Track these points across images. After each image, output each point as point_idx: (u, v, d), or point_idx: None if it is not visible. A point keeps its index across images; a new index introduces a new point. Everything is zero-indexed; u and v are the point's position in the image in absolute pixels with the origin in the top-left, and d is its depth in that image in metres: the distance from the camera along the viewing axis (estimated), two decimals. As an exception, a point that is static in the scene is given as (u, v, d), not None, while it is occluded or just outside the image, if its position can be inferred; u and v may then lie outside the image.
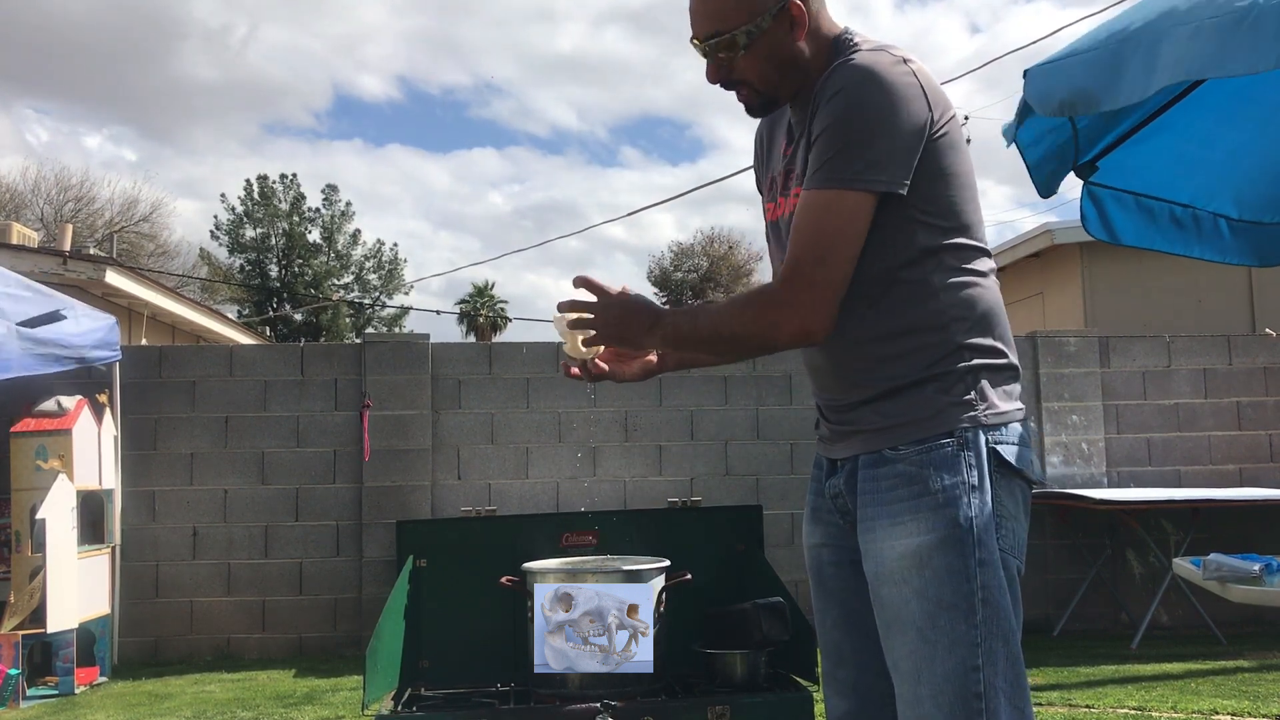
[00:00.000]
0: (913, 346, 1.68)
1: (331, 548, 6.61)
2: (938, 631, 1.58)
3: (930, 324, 1.67)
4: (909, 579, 1.61)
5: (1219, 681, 5.11)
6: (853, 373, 1.73)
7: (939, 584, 1.59)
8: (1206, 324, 9.73)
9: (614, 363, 1.91)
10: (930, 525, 1.61)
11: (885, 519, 1.66)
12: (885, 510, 1.66)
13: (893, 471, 1.66)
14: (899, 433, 1.67)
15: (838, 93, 1.62)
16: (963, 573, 1.59)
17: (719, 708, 2.89)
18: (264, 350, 7.04)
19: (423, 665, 3.29)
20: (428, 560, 3.33)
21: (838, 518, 1.81)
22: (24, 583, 5.52)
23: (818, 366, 1.80)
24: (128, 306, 10.77)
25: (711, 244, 39.42)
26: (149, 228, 32.54)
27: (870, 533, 1.68)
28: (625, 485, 6.78)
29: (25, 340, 5.49)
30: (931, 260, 1.67)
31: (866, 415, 1.72)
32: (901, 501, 1.64)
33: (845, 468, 1.76)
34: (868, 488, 1.69)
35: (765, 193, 1.89)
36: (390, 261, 37.83)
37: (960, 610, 1.58)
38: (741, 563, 3.43)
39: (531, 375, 6.81)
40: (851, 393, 1.74)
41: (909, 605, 1.61)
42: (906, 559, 1.62)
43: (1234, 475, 7.11)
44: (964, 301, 1.69)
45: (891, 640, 1.65)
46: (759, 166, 1.95)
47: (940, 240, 1.68)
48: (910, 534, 1.62)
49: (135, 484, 6.47)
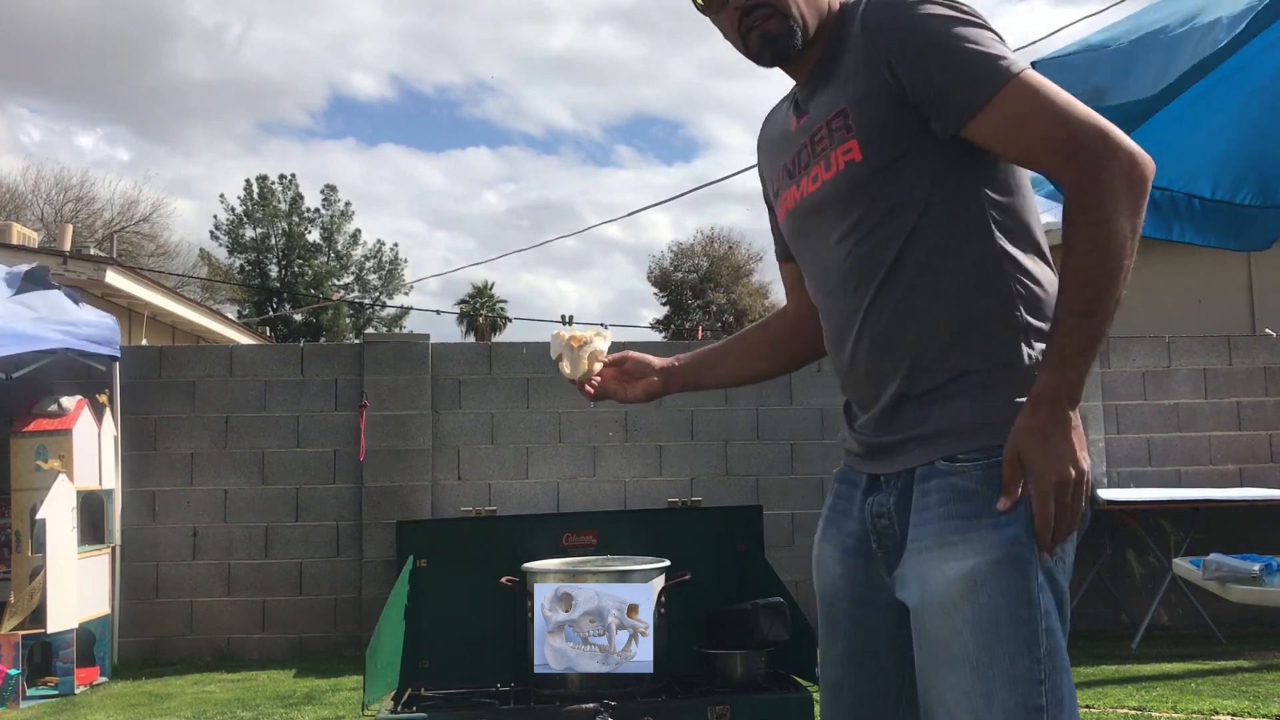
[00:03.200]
0: (980, 331, 1.44)
1: (331, 548, 6.61)
2: (995, 667, 1.36)
3: (1001, 304, 1.44)
4: (959, 607, 1.38)
5: (1219, 681, 5.10)
6: (906, 362, 1.47)
7: (995, 611, 1.37)
8: (1206, 324, 9.72)
9: (614, 383, 1.84)
10: (986, 546, 1.38)
11: (931, 539, 1.43)
12: (931, 530, 1.43)
13: (945, 485, 1.43)
14: (958, 440, 1.43)
15: (906, 19, 1.43)
16: (1024, 598, 1.37)
17: (719, 708, 2.89)
18: (264, 350, 7.04)
19: (423, 665, 3.29)
20: (428, 560, 3.33)
21: (871, 544, 1.56)
22: (24, 583, 5.52)
23: (856, 361, 1.54)
24: (128, 306, 10.77)
25: (711, 244, 39.42)
26: (149, 228, 32.58)
27: (915, 555, 1.45)
28: (625, 485, 6.78)
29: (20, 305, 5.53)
30: (1001, 220, 1.46)
31: (919, 416, 1.47)
32: (951, 520, 1.41)
33: (896, 483, 1.52)
34: (918, 505, 1.46)
35: (782, 187, 1.65)
36: (390, 262, 37.86)
37: (1021, 641, 1.36)
38: (741, 563, 3.43)
39: (531, 375, 6.81)
40: (902, 388, 1.49)
41: (960, 638, 1.38)
42: (956, 585, 1.39)
43: (1234, 475, 7.10)
44: (1032, 278, 1.46)
45: (937, 678, 1.41)
46: (768, 170, 1.75)
47: (1006, 199, 1.48)
48: (962, 556, 1.39)
49: (135, 484, 6.47)
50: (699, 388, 1.90)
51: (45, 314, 5.80)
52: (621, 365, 1.86)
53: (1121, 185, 1.32)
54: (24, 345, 5.47)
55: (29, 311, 5.74)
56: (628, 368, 1.86)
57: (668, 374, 1.85)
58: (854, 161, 1.48)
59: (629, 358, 1.85)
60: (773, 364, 1.89)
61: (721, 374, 1.90)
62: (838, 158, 1.49)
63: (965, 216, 1.45)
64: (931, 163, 1.45)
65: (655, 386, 1.85)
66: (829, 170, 1.51)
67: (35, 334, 5.55)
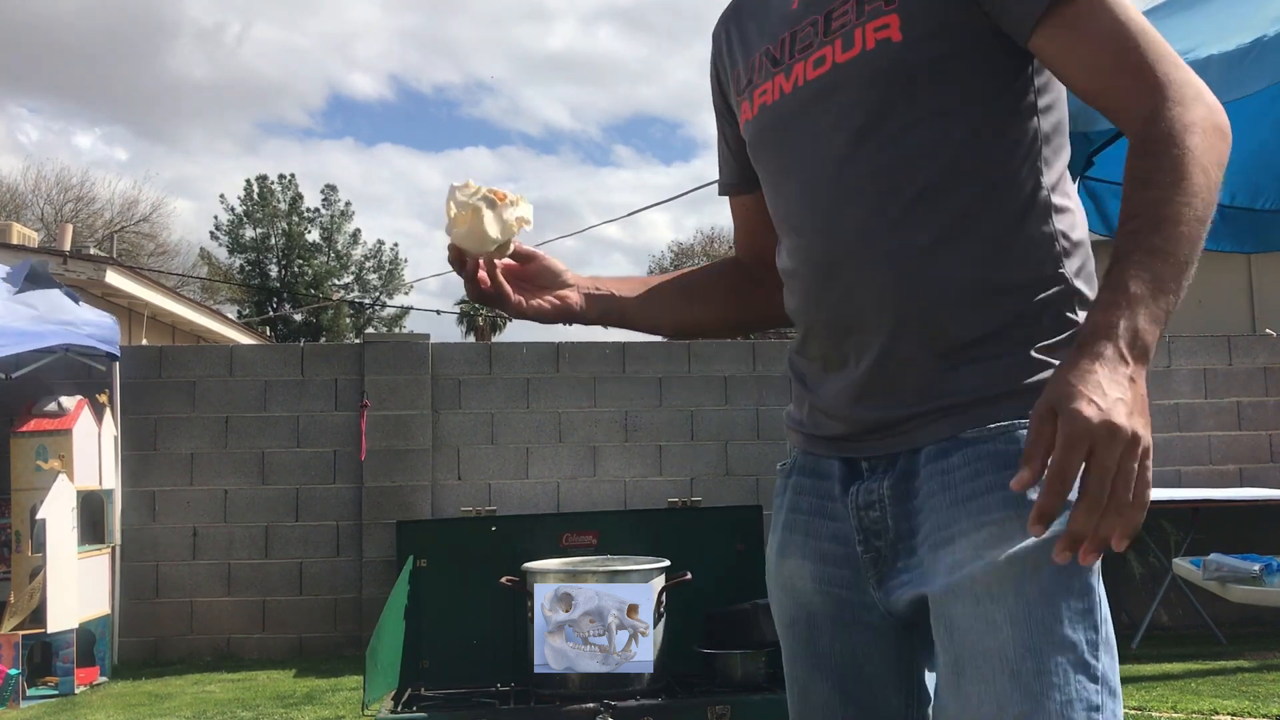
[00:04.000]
0: (1028, 276, 1.14)
1: (331, 548, 6.61)
2: (1044, 679, 1.03)
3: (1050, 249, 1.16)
4: (1003, 594, 1.06)
5: (1219, 681, 5.11)
6: (933, 309, 1.14)
7: (1048, 606, 1.05)
8: (1206, 324, 9.73)
9: (520, 285, 1.37)
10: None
11: (966, 520, 1.10)
12: (965, 510, 1.11)
13: (976, 454, 1.11)
14: (993, 408, 1.12)
15: None
16: (1083, 592, 1.07)
17: (719, 708, 2.89)
18: (264, 350, 7.05)
19: (423, 665, 3.29)
20: (428, 560, 3.33)
21: (855, 547, 1.22)
22: (24, 583, 5.53)
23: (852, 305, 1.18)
24: (128, 306, 10.78)
25: (711, 244, 39.41)
26: (149, 228, 32.57)
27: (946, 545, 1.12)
28: (625, 485, 6.78)
29: (20, 305, 5.53)
30: (1048, 158, 1.19)
31: (943, 380, 1.14)
32: (988, 494, 1.09)
33: (892, 466, 1.19)
34: (933, 488, 1.14)
35: (758, 78, 1.30)
36: (390, 262, 37.87)
37: (1079, 650, 1.05)
38: (741, 563, 3.43)
39: (531, 375, 6.82)
40: (922, 343, 1.15)
41: (999, 634, 1.06)
42: (998, 570, 1.07)
43: (1234, 475, 7.10)
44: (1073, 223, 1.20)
45: (962, 685, 1.08)
46: (734, 59, 1.38)
47: (1056, 138, 1.21)
48: (1007, 537, 1.07)
49: (135, 484, 6.47)
50: (624, 325, 1.45)
51: (45, 313, 5.81)
52: (526, 265, 1.37)
53: (1212, 131, 1.06)
54: (24, 344, 5.48)
55: (29, 310, 5.75)
56: (532, 270, 1.38)
57: (588, 298, 1.40)
58: (889, 41, 1.16)
59: (538, 258, 1.38)
60: (725, 313, 1.49)
61: (658, 314, 1.46)
62: (866, 34, 1.17)
63: (1018, 142, 1.16)
64: (988, 66, 1.16)
65: (564, 308, 1.38)
66: (848, 50, 1.18)
67: (35, 332, 5.56)
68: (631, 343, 6.99)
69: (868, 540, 1.21)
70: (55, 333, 5.71)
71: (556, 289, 1.38)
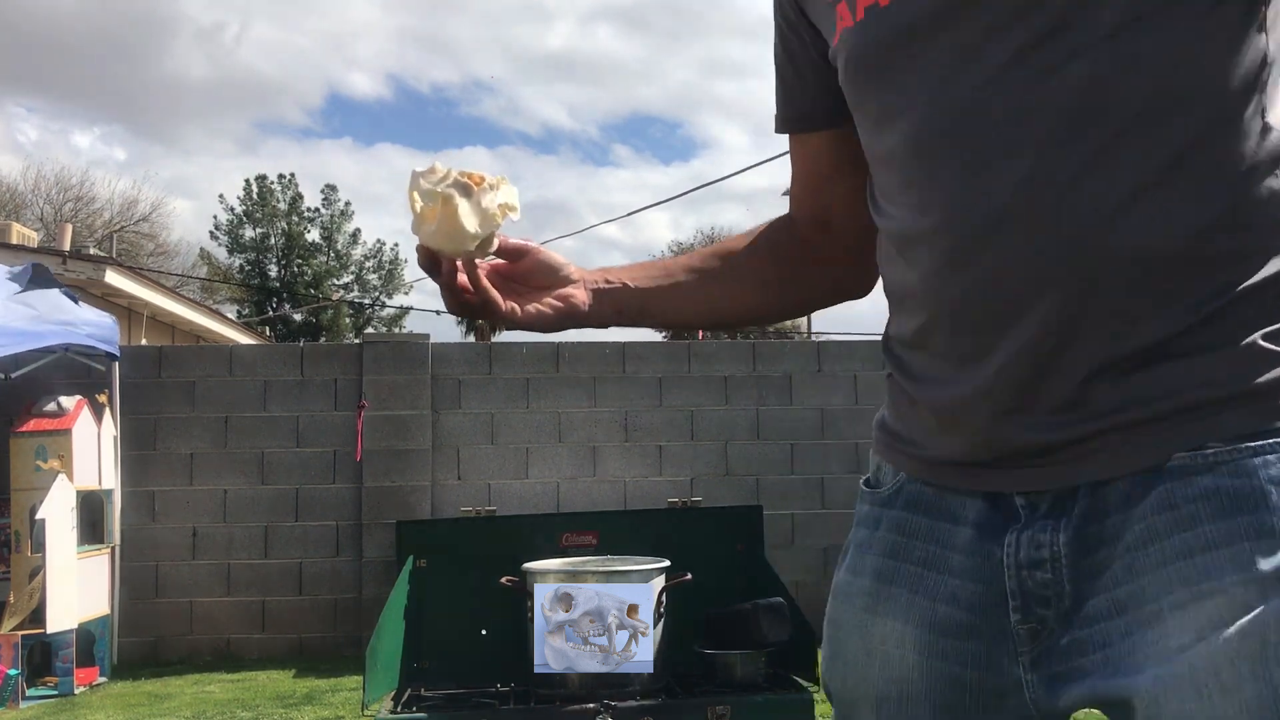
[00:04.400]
0: (1249, 245, 0.83)
1: (331, 548, 6.61)
2: None
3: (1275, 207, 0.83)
4: (1235, 686, 0.75)
5: None
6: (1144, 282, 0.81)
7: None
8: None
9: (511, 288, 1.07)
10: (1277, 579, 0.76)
11: (1181, 587, 0.79)
12: (1176, 572, 0.80)
13: (1189, 492, 0.80)
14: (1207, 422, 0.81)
15: None
16: None
17: (719, 708, 2.89)
18: (264, 350, 7.05)
19: (423, 665, 3.29)
20: (428, 560, 3.33)
21: (998, 615, 0.90)
22: (24, 583, 5.53)
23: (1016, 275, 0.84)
24: (127, 306, 10.77)
25: (710, 244, 39.45)
26: (148, 228, 32.61)
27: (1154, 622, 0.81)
28: (625, 485, 6.78)
29: (19, 305, 5.54)
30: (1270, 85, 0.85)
31: (1152, 379, 0.82)
32: (1218, 549, 0.78)
33: (1068, 510, 0.86)
34: (1131, 540, 0.83)
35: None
36: (390, 261, 37.87)
37: None
38: (741, 563, 3.43)
39: (531, 375, 6.82)
40: (1108, 336, 0.83)
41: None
42: (1231, 648, 0.76)
43: None
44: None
45: None
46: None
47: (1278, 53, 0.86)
48: (1241, 603, 0.76)
49: (135, 484, 6.47)
50: (645, 322, 1.15)
51: (44, 313, 5.81)
52: (517, 262, 1.08)
53: None
54: (24, 344, 5.48)
55: (29, 310, 5.75)
56: (524, 268, 1.08)
57: (597, 294, 1.10)
58: None
59: (531, 252, 1.08)
60: (768, 295, 1.17)
61: (685, 304, 1.15)
62: None
63: (1250, 64, 0.83)
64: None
65: (569, 310, 1.09)
66: None
67: (35, 331, 5.56)
68: (631, 343, 7.00)
69: (1028, 608, 0.88)
70: (55, 333, 5.71)
71: (557, 288, 1.08)
